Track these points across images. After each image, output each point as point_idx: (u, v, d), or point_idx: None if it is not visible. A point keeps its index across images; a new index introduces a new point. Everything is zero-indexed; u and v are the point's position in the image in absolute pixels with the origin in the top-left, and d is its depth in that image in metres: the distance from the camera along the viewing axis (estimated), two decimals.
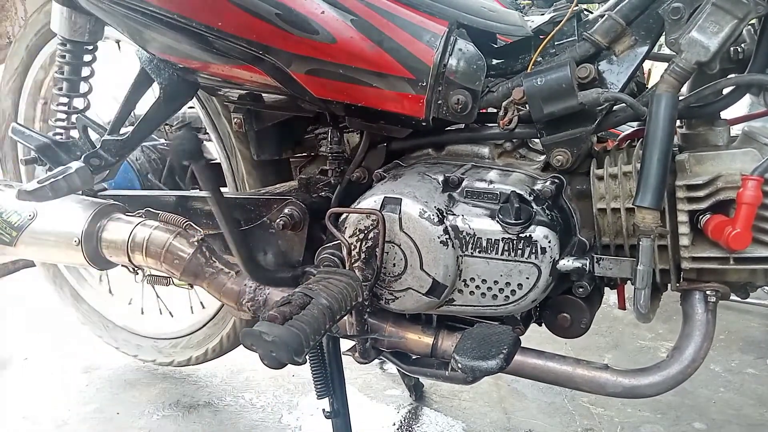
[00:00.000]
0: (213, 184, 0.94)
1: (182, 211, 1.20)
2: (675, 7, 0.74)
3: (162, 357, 1.64)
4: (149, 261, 1.13)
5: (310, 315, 0.72)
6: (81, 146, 1.23)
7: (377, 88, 0.87)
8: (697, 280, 0.81)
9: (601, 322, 1.93)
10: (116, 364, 1.75)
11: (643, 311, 0.77)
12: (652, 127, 0.72)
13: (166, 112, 1.15)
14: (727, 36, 0.70)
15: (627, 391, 0.84)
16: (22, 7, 1.64)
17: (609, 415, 1.50)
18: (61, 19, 1.17)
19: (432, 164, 0.95)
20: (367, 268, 0.87)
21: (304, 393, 1.59)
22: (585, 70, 0.81)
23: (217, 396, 1.60)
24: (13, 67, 1.54)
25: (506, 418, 1.49)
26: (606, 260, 0.83)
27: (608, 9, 0.82)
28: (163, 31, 0.97)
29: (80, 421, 1.50)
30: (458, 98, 0.85)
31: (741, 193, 0.71)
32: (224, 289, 1.07)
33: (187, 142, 0.86)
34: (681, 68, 0.72)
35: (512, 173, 0.89)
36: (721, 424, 1.47)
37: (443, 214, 0.84)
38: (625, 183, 0.81)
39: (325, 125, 1.08)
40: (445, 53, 0.85)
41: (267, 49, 0.90)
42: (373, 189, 0.91)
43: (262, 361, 0.69)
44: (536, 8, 1.45)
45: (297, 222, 1.04)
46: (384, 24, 0.86)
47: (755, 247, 0.74)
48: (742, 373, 1.69)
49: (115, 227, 1.17)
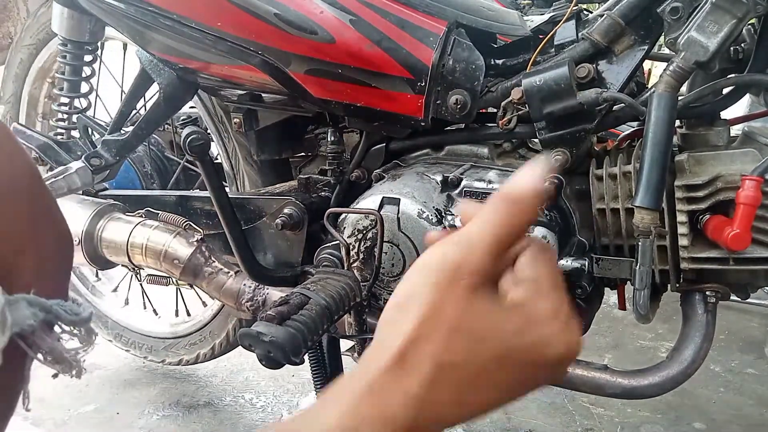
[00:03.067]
0: (217, 183, 0.95)
1: (182, 211, 1.20)
2: (674, 6, 0.74)
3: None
4: (149, 261, 1.13)
5: (308, 315, 0.72)
6: (82, 146, 1.23)
7: (376, 88, 0.87)
8: (696, 281, 0.81)
9: (601, 322, 1.93)
10: (116, 364, 1.75)
11: (642, 312, 0.77)
12: (652, 127, 0.71)
13: (166, 112, 1.15)
14: (727, 36, 0.69)
15: (626, 391, 0.84)
16: (24, 7, 1.64)
17: (609, 415, 1.50)
18: (62, 19, 1.17)
19: (431, 164, 0.95)
20: (365, 268, 0.87)
21: (304, 393, 1.59)
22: (584, 69, 0.81)
23: (217, 396, 1.60)
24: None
25: (506, 418, 1.49)
26: (605, 261, 0.83)
27: (607, 9, 0.81)
28: (163, 31, 0.97)
29: (80, 421, 1.50)
30: (457, 98, 0.85)
31: (740, 193, 0.71)
32: (223, 289, 1.07)
33: (199, 137, 0.86)
34: (680, 68, 0.72)
35: (511, 173, 0.88)
36: (721, 424, 1.46)
37: (442, 214, 0.84)
38: (625, 183, 0.81)
39: (325, 125, 1.08)
40: (444, 53, 0.85)
41: (266, 49, 0.90)
42: (372, 189, 0.91)
43: (260, 361, 0.69)
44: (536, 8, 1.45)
45: (296, 222, 1.04)
46: (383, 24, 0.85)
47: (755, 247, 0.74)
48: (742, 373, 1.68)
49: (115, 227, 1.17)
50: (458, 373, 0.37)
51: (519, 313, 0.37)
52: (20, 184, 0.33)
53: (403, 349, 0.36)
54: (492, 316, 0.37)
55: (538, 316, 0.37)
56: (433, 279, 0.37)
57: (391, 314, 0.38)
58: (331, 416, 0.36)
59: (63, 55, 1.20)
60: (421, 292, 0.37)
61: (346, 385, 0.38)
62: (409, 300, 0.37)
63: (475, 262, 0.36)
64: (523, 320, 0.37)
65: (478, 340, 0.36)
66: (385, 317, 0.39)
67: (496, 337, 0.37)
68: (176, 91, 1.11)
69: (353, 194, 0.96)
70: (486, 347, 0.37)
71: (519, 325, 0.37)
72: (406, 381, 0.36)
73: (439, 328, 0.36)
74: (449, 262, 0.37)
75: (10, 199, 0.32)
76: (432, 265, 0.37)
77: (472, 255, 0.37)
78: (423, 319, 0.36)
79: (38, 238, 0.33)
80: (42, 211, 0.34)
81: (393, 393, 0.36)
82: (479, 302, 0.37)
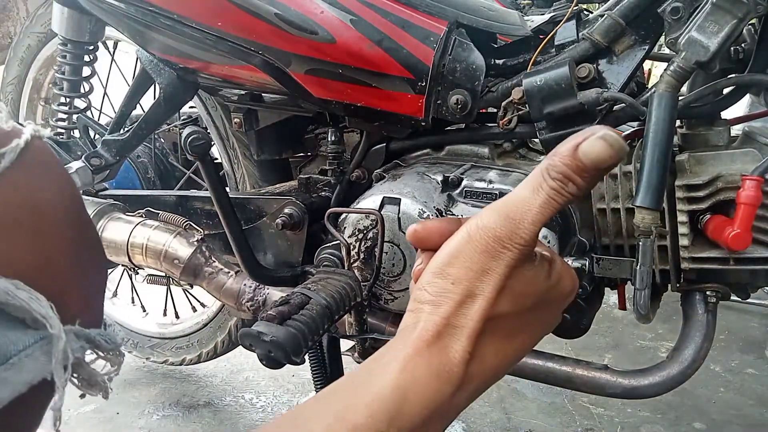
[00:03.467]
0: (217, 182, 0.95)
1: (182, 211, 1.20)
2: (674, 6, 0.74)
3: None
4: (149, 261, 1.13)
5: (309, 315, 0.72)
6: (82, 146, 1.23)
7: (376, 87, 0.87)
8: (697, 281, 0.81)
9: (601, 322, 1.93)
10: None
11: (642, 312, 0.77)
12: (652, 127, 0.71)
13: (166, 112, 1.15)
14: (727, 36, 0.69)
15: (626, 391, 0.84)
16: (24, 7, 1.64)
17: (609, 415, 1.50)
18: (62, 19, 1.17)
19: (431, 164, 0.95)
20: (366, 268, 0.87)
21: (304, 393, 1.59)
22: (584, 69, 0.81)
23: (217, 396, 1.60)
24: None
25: (506, 418, 1.49)
26: (606, 260, 0.83)
27: (608, 9, 0.81)
28: (163, 31, 0.97)
29: (80, 421, 1.50)
30: (458, 98, 0.85)
31: (741, 193, 0.71)
32: (224, 289, 1.07)
33: (200, 136, 0.86)
34: (680, 68, 0.72)
35: (512, 173, 0.88)
36: (721, 424, 1.47)
37: (443, 214, 0.84)
38: (625, 183, 0.81)
39: (325, 125, 1.08)
40: (445, 53, 0.85)
41: (266, 49, 0.90)
42: (373, 189, 0.91)
43: (261, 361, 0.69)
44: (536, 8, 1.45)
45: (296, 222, 1.04)
46: (383, 24, 0.85)
47: (755, 247, 0.74)
48: (742, 373, 1.68)
49: (115, 227, 1.17)
50: (503, 323, 0.41)
51: (545, 262, 0.44)
52: (68, 214, 0.32)
53: (453, 310, 0.40)
54: (531, 273, 0.42)
55: (555, 261, 0.45)
56: (482, 248, 0.41)
57: (432, 279, 0.42)
58: (384, 378, 0.38)
59: (63, 55, 1.20)
60: (470, 258, 0.41)
61: (394, 348, 0.41)
62: (455, 266, 0.41)
63: (521, 236, 0.40)
64: (547, 268, 0.44)
65: (520, 294, 0.42)
66: (425, 281, 0.42)
67: (534, 289, 0.42)
68: (176, 91, 1.11)
69: (353, 194, 0.96)
70: (527, 298, 0.42)
71: (547, 272, 0.43)
72: (456, 337, 0.40)
73: (486, 289, 0.40)
74: (498, 237, 0.40)
75: (61, 230, 0.31)
76: (481, 237, 0.41)
77: (519, 230, 0.40)
78: (471, 282, 0.40)
79: (84, 268, 0.33)
80: (87, 240, 0.34)
81: (444, 351, 0.39)
82: (522, 266, 0.41)
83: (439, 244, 0.43)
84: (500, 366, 0.42)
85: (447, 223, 0.45)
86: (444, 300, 0.40)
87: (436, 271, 0.42)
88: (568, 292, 0.45)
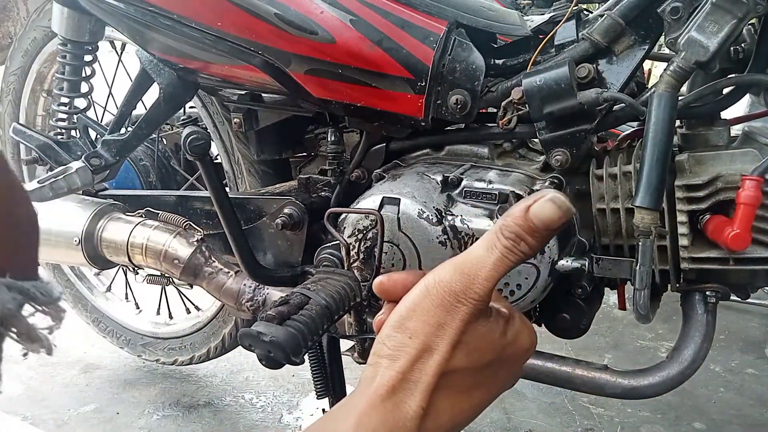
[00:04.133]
0: (217, 182, 0.95)
1: (182, 211, 1.20)
2: (674, 6, 0.74)
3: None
4: (149, 261, 1.13)
5: (308, 315, 0.72)
6: (82, 146, 1.23)
7: (376, 87, 0.87)
8: (696, 281, 0.81)
9: (601, 322, 1.93)
10: (116, 364, 1.75)
11: (642, 312, 0.77)
12: (652, 127, 0.71)
13: (166, 112, 1.15)
14: (727, 36, 0.69)
15: (626, 392, 0.84)
16: (24, 7, 1.64)
17: (609, 415, 1.50)
18: (62, 19, 1.17)
19: (431, 164, 0.95)
20: (365, 268, 0.87)
21: (304, 393, 1.59)
22: (584, 69, 0.81)
23: (217, 396, 1.60)
24: None
25: (506, 418, 1.49)
26: (605, 261, 0.83)
27: (607, 9, 0.81)
28: (163, 31, 0.97)
29: (80, 421, 1.50)
30: (457, 98, 0.85)
31: (740, 193, 0.71)
32: (223, 289, 1.07)
33: (200, 137, 0.86)
34: (680, 68, 0.72)
35: (511, 173, 0.88)
36: (721, 424, 1.46)
37: (442, 214, 0.84)
38: (625, 183, 0.81)
39: (325, 125, 1.08)
40: (445, 53, 0.85)
41: (266, 49, 0.90)
42: (372, 189, 0.91)
43: (261, 361, 0.69)
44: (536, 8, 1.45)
45: (296, 222, 1.04)
46: (383, 24, 0.85)
47: (755, 247, 0.74)
48: (742, 373, 1.68)
49: (115, 227, 1.17)
50: (459, 378, 0.42)
51: (501, 319, 0.44)
52: None
53: (408, 364, 0.41)
54: (485, 328, 0.43)
55: (514, 318, 0.45)
56: (438, 302, 0.41)
57: (390, 332, 0.43)
58: (342, 430, 0.39)
59: (63, 55, 1.20)
60: (427, 312, 0.41)
61: (351, 403, 0.41)
62: (413, 319, 0.42)
63: (476, 291, 0.41)
64: (503, 324, 0.44)
65: (476, 350, 0.42)
66: (385, 335, 0.43)
67: (490, 345, 0.43)
68: (176, 91, 1.11)
69: (353, 194, 0.96)
70: (482, 354, 0.43)
71: (503, 329, 0.44)
72: (411, 392, 0.40)
73: (441, 343, 0.41)
74: (453, 291, 0.41)
75: None
76: (438, 291, 0.42)
77: (474, 285, 0.41)
78: (427, 336, 0.41)
79: (10, 221, 0.33)
80: (11, 192, 0.33)
81: (399, 406, 0.40)
82: (477, 321, 0.42)
83: (402, 295, 0.44)
84: (456, 422, 0.42)
85: (412, 275, 0.46)
86: (401, 354, 0.41)
87: (395, 325, 0.42)
88: (526, 349, 0.46)
